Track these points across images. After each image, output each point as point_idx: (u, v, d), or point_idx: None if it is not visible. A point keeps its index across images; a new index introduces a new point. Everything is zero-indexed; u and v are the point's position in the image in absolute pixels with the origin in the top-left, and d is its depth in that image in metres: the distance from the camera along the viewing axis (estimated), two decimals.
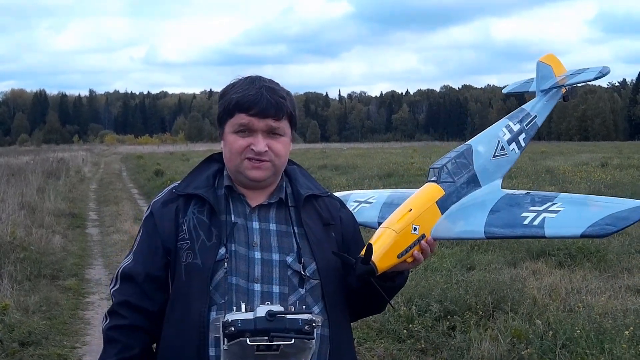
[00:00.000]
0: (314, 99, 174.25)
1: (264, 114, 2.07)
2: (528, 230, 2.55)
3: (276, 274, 2.06)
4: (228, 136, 2.13)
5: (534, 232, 2.55)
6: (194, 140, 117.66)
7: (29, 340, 6.12)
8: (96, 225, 14.17)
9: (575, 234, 2.55)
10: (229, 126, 2.12)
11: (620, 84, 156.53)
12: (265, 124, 2.09)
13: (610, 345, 5.10)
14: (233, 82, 2.17)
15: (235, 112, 2.09)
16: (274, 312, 1.82)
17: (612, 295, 7.00)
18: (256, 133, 2.09)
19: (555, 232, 2.54)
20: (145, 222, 2.21)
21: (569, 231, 2.59)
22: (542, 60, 3.53)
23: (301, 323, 1.83)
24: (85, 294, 8.20)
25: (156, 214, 2.17)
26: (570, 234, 2.62)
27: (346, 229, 2.27)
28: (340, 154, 47.54)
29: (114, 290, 2.16)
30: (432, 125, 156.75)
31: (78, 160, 40.49)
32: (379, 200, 3.09)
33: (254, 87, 2.10)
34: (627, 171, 22.50)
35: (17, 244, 9.63)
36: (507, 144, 2.95)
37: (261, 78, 2.16)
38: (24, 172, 21.64)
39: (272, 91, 2.10)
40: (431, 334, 5.93)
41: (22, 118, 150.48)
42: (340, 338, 2.14)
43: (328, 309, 2.10)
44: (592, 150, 45.43)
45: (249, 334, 1.81)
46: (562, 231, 2.58)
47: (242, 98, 2.08)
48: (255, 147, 2.08)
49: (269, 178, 2.15)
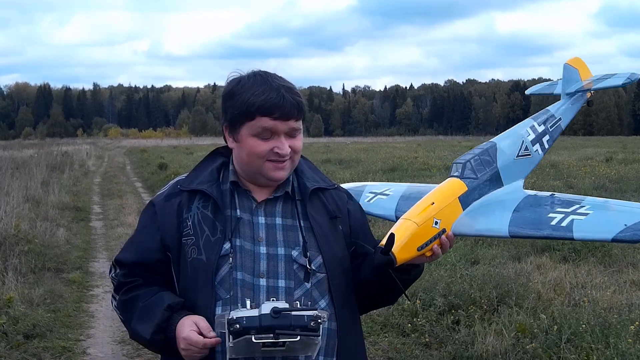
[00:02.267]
0: (317, 93, 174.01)
1: (287, 116, 2.04)
2: (556, 231, 2.52)
3: (282, 269, 2.05)
4: (247, 139, 2.06)
5: (562, 234, 2.51)
6: (198, 134, 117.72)
7: (33, 333, 6.13)
8: (100, 219, 14.19)
9: (606, 238, 2.51)
10: (247, 129, 2.05)
11: None
12: (288, 126, 2.06)
13: (616, 340, 5.09)
14: (237, 79, 2.11)
15: (257, 115, 2.03)
16: (279, 309, 1.82)
17: (617, 289, 6.98)
18: (279, 136, 2.05)
19: (584, 235, 2.52)
20: (144, 213, 2.20)
21: (599, 235, 2.56)
22: (569, 63, 3.44)
23: (306, 319, 1.82)
24: (89, 287, 8.22)
25: (158, 207, 2.16)
26: (600, 238, 2.59)
27: (354, 221, 2.25)
28: (344, 148, 47.52)
29: (112, 276, 2.21)
30: (436, 120, 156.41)
31: (82, 153, 40.56)
32: (396, 193, 3.07)
33: (271, 88, 2.04)
34: (631, 166, 22.44)
35: (21, 237, 9.65)
36: (531, 145, 2.86)
37: (271, 75, 2.10)
38: (28, 166, 21.69)
39: (291, 91, 2.07)
40: (435, 328, 5.92)
41: (26, 112, 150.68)
42: (348, 332, 2.13)
43: (335, 303, 2.09)
44: (597, 145, 45.36)
45: (254, 332, 1.81)
46: (592, 235, 2.55)
47: (266, 102, 2.01)
48: (281, 150, 2.06)
49: (287, 175, 2.15)
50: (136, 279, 2.12)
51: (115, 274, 2.18)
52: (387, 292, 2.24)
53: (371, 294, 2.23)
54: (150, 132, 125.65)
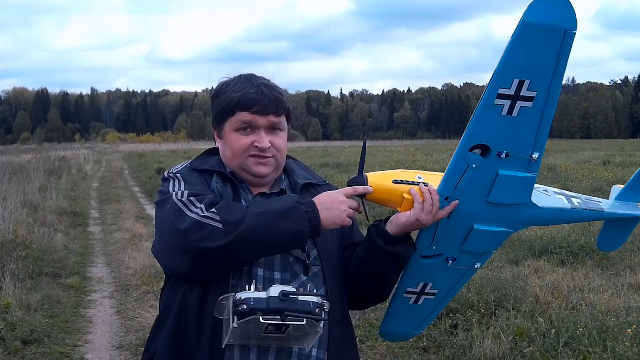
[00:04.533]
0: (315, 97, 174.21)
1: (265, 110, 2.12)
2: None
3: (277, 260, 2.08)
4: (229, 135, 2.15)
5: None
6: (196, 138, 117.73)
7: (31, 339, 6.12)
8: (98, 224, 14.18)
9: None
10: (229, 124, 2.15)
11: (622, 82, 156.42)
12: (267, 120, 2.13)
13: (613, 343, 5.09)
14: (225, 80, 2.21)
15: (237, 110, 2.12)
16: (287, 292, 1.84)
17: (614, 293, 6.99)
18: (259, 130, 2.13)
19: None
20: (174, 176, 2.15)
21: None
22: None
23: (312, 305, 1.86)
24: (87, 292, 8.20)
25: (184, 174, 2.16)
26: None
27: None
28: (341, 151, 47.53)
29: (203, 214, 1.96)
30: (434, 123, 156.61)
31: (80, 158, 40.52)
32: None
33: (252, 85, 2.14)
34: (629, 169, 22.45)
35: (19, 242, 9.63)
36: (554, 193, 2.41)
37: (255, 76, 2.20)
38: (25, 171, 21.66)
39: (271, 88, 2.16)
40: (433, 332, 5.92)
41: (23, 116, 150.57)
42: (339, 325, 2.15)
43: (328, 295, 2.11)
44: (594, 148, 45.41)
45: (261, 313, 1.82)
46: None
47: (244, 96, 2.12)
48: (260, 143, 2.12)
49: (272, 173, 2.20)
50: None
51: (205, 209, 1.97)
52: (376, 268, 2.18)
53: (361, 275, 2.21)
54: (148, 136, 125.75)
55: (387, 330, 2.60)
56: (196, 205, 1.97)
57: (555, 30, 1.86)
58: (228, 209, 1.96)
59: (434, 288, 2.41)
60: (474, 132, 2.03)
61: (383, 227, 2.16)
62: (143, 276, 8.42)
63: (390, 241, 2.14)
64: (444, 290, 2.43)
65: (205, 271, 1.97)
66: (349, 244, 2.28)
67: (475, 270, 2.39)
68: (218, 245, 1.89)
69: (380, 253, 2.15)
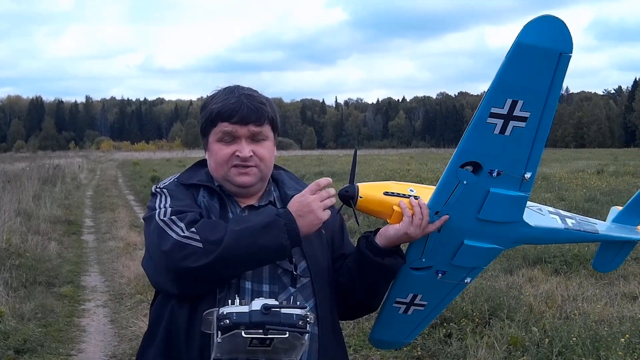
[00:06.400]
0: (310, 106, 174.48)
1: (245, 120, 2.13)
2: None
3: (266, 273, 2.08)
4: (212, 145, 2.17)
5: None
6: (191, 146, 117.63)
7: (24, 348, 6.10)
8: (92, 232, 14.14)
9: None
10: (212, 135, 2.17)
11: (616, 91, 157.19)
12: (248, 130, 2.14)
13: (607, 353, 5.10)
14: (213, 93, 2.22)
15: (218, 121, 2.14)
16: (269, 306, 1.85)
17: (608, 302, 7.00)
18: (240, 140, 2.14)
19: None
20: (159, 196, 2.14)
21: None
22: None
23: (295, 318, 1.86)
24: (80, 301, 8.17)
25: (171, 189, 2.17)
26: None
27: (332, 226, 2.28)
28: (336, 160, 47.54)
29: (183, 235, 1.98)
30: (428, 132, 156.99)
31: (74, 166, 40.46)
32: None
33: (233, 95, 2.16)
34: (622, 178, 22.54)
35: (12, 251, 9.60)
36: (549, 213, 2.39)
37: (240, 87, 2.21)
38: (19, 179, 21.60)
39: (251, 98, 2.16)
40: (427, 341, 5.92)
41: (18, 124, 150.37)
42: (329, 335, 2.15)
43: (318, 307, 2.12)
44: (588, 157, 45.55)
45: (243, 327, 1.83)
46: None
47: (223, 107, 2.13)
48: (241, 153, 2.13)
49: (257, 184, 2.19)
50: None
51: (185, 228, 1.99)
52: (365, 280, 2.20)
53: (350, 288, 2.22)
54: (142, 144, 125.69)
55: (377, 337, 2.60)
56: (177, 225, 2.00)
57: (550, 53, 1.84)
58: (208, 227, 1.98)
59: (424, 300, 2.42)
60: (465, 149, 2.02)
61: (372, 239, 2.18)
62: (137, 285, 8.39)
63: (380, 253, 2.16)
64: (434, 302, 2.44)
65: (191, 289, 2.00)
66: (339, 255, 2.29)
67: (465, 285, 2.40)
68: (200, 265, 1.92)
69: (370, 265, 2.16)
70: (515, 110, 1.92)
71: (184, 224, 1.99)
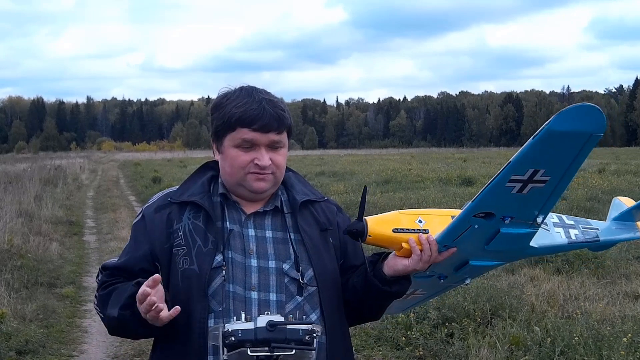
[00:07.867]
0: (311, 106, 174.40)
1: (267, 128, 2.06)
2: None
3: (273, 282, 2.05)
4: (229, 150, 2.10)
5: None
6: (192, 147, 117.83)
7: (26, 349, 6.10)
8: (93, 233, 14.16)
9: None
10: (229, 140, 2.09)
11: (617, 90, 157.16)
12: (268, 139, 2.08)
13: (609, 352, 5.10)
14: (225, 92, 2.15)
15: (237, 126, 2.07)
16: (275, 323, 1.83)
17: (610, 301, 7.00)
18: (259, 147, 2.08)
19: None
20: (135, 226, 2.20)
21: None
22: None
23: (301, 333, 1.83)
24: (82, 302, 8.17)
25: (148, 219, 2.16)
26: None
27: (343, 234, 2.24)
28: (337, 160, 47.58)
29: (97, 280, 2.23)
30: (429, 132, 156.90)
31: (75, 167, 40.50)
32: None
33: (254, 100, 2.08)
34: (624, 177, 22.53)
35: (14, 252, 9.62)
36: (553, 225, 2.41)
37: (257, 89, 2.14)
38: (21, 180, 21.61)
39: (272, 104, 2.09)
40: (429, 341, 5.92)
41: (19, 125, 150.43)
42: (337, 345, 2.13)
43: (325, 316, 2.09)
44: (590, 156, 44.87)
45: (249, 345, 1.81)
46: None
47: (245, 113, 2.06)
48: (260, 162, 2.08)
49: (270, 189, 2.16)
50: (118, 279, 2.12)
51: (99, 279, 2.19)
52: (370, 305, 2.22)
53: (355, 307, 2.22)
54: (144, 145, 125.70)
55: None
56: (97, 282, 2.20)
57: (581, 135, 1.81)
58: (100, 301, 2.13)
59: (424, 291, 2.55)
60: (481, 203, 2.03)
61: (380, 269, 2.15)
62: None
63: (387, 283, 2.15)
64: (434, 293, 2.63)
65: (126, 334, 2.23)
66: (348, 266, 2.24)
67: (465, 284, 2.48)
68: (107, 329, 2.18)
69: (377, 292, 2.15)
70: (536, 177, 1.92)
71: (98, 286, 2.19)
